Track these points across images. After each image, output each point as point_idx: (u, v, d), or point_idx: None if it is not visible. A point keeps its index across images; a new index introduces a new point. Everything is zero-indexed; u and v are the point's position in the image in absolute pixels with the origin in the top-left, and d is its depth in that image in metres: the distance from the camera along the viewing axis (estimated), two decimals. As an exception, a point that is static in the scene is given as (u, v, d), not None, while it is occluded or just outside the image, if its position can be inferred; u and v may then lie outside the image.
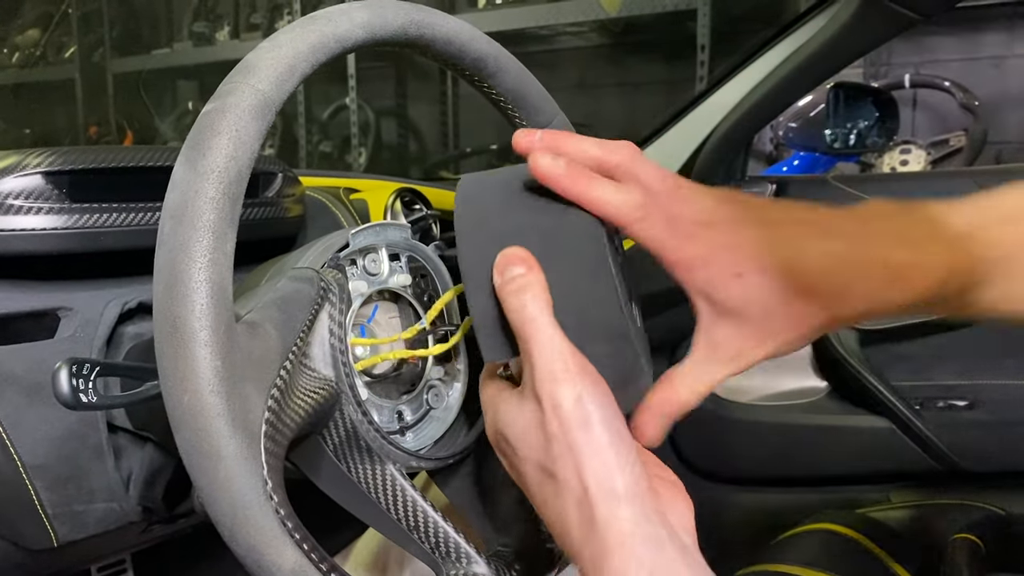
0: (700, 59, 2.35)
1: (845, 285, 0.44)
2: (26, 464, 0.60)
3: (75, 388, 0.46)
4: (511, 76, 0.58)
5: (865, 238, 0.44)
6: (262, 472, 0.40)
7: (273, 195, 0.77)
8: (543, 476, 0.41)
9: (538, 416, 0.41)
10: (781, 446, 1.38)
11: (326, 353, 0.50)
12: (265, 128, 0.43)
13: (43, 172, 0.62)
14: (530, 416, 0.42)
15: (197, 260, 0.39)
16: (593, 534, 0.38)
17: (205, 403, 0.38)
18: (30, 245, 0.62)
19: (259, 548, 0.39)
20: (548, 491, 0.41)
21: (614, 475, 0.39)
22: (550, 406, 0.40)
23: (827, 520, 1.08)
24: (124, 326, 0.68)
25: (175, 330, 0.39)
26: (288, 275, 0.51)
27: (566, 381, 0.40)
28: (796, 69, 1.31)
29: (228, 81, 0.43)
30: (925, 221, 0.45)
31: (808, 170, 2.23)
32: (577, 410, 0.40)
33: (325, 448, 0.51)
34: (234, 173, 0.41)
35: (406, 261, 0.61)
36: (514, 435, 0.43)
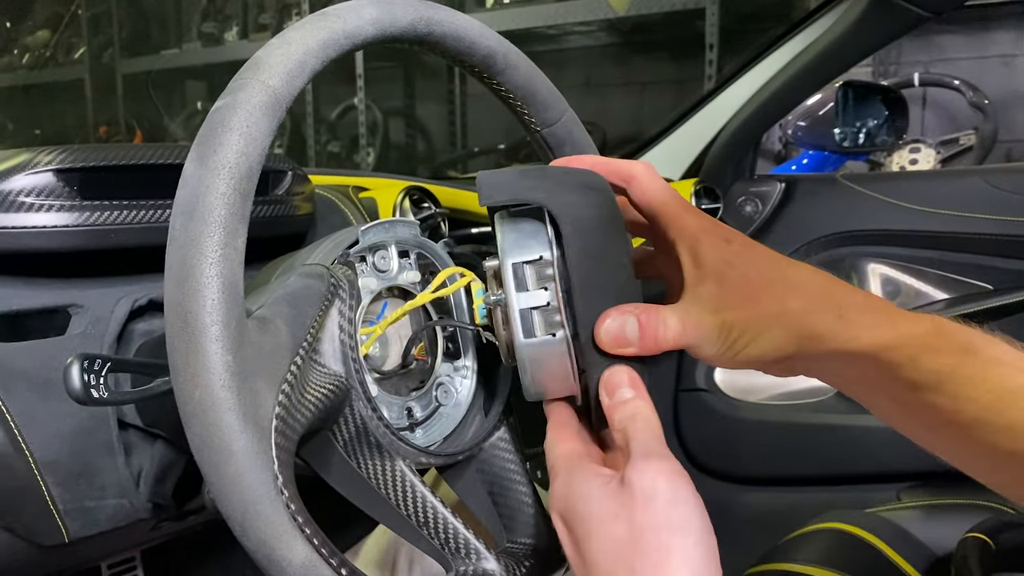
0: (709, 58, 2.35)
1: (823, 292, 0.47)
2: (38, 460, 0.60)
3: (86, 383, 0.46)
4: (520, 73, 0.58)
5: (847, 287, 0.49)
6: (273, 467, 0.40)
7: (283, 193, 0.77)
8: (619, 567, 0.40)
9: (628, 503, 0.41)
10: (790, 445, 1.38)
11: (336, 349, 0.50)
12: (276, 124, 0.43)
13: (54, 169, 0.62)
14: (618, 501, 0.42)
15: (208, 256, 0.39)
16: None
17: (216, 398, 0.38)
18: (41, 242, 0.62)
19: (270, 543, 0.40)
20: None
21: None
22: (646, 496, 0.41)
23: (836, 519, 1.07)
24: (134, 323, 0.68)
25: (186, 325, 0.39)
26: (298, 271, 0.51)
27: (664, 473, 0.42)
28: (805, 67, 1.30)
29: (239, 77, 0.43)
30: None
31: (817, 169, 2.22)
32: (675, 511, 0.41)
33: (335, 444, 0.51)
34: (245, 169, 0.41)
35: (415, 258, 0.61)
36: (592, 515, 0.42)
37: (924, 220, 1.34)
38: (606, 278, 0.47)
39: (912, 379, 0.46)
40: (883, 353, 0.46)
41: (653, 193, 0.51)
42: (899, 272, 1.40)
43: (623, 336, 0.46)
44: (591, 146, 0.64)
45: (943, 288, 1.36)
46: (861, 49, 1.29)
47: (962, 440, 0.46)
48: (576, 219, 0.47)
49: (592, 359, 0.47)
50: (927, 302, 1.37)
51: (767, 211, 1.44)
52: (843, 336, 0.46)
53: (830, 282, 0.48)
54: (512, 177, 0.49)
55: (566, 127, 0.62)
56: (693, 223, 0.49)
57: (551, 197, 0.48)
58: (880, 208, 1.38)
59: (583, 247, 0.47)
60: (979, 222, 1.30)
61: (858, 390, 0.51)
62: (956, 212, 1.32)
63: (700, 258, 0.48)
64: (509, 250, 0.48)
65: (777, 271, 0.48)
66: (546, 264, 0.48)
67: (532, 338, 0.48)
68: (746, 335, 0.47)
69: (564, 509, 0.44)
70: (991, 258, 1.31)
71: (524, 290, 0.48)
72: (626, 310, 0.46)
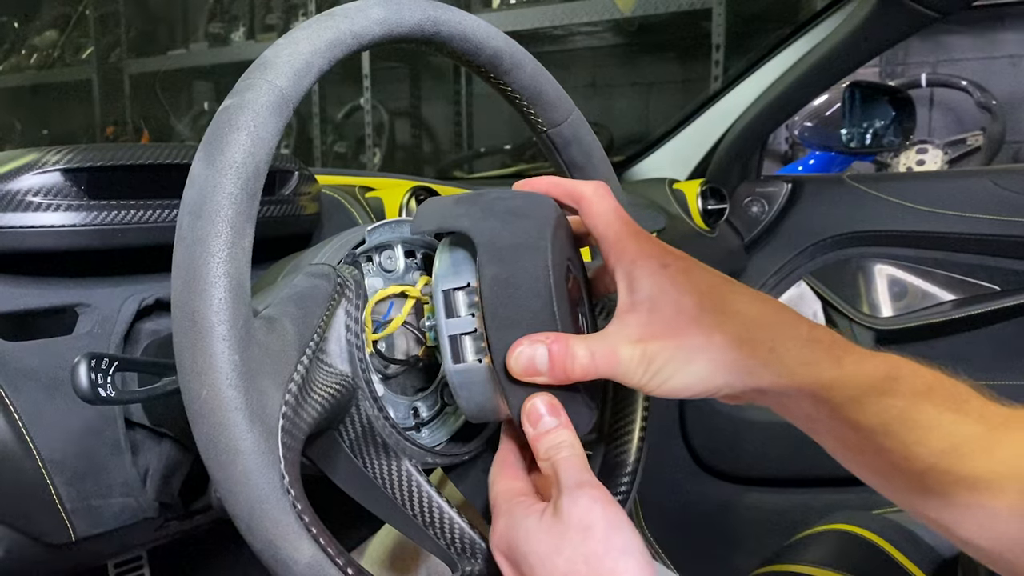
0: (715, 58, 2.34)
1: (759, 322, 0.46)
2: (45, 459, 0.61)
3: (94, 382, 0.46)
4: (527, 73, 0.58)
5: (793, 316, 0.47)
6: (279, 466, 0.40)
7: (289, 193, 0.77)
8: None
9: (567, 535, 0.41)
10: (796, 446, 1.37)
11: (343, 349, 0.50)
12: (283, 124, 0.43)
13: (62, 169, 0.62)
14: (557, 533, 0.42)
15: (216, 255, 0.39)
16: None
17: (223, 397, 0.39)
18: (48, 242, 0.62)
19: (276, 542, 0.40)
20: None
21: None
22: (584, 526, 0.41)
23: (842, 521, 1.07)
24: (141, 323, 0.68)
25: (193, 324, 0.39)
26: (305, 271, 0.51)
27: (599, 501, 0.42)
28: (812, 68, 1.30)
29: (246, 77, 0.43)
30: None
31: (824, 170, 2.22)
32: (617, 536, 0.41)
33: (341, 444, 0.51)
34: (252, 169, 0.41)
35: (421, 258, 0.61)
36: (533, 552, 0.42)
37: (932, 221, 1.34)
38: (519, 306, 0.47)
39: (855, 420, 0.44)
40: (821, 392, 0.45)
41: (598, 216, 0.50)
42: (906, 273, 1.39)
43: (532, 366, 0.46)
44: (597, 147, 0.64)
45: (950, 289, 1.36)
46: (869, 49, 1.29)
47: (915, 490, 0.45)
48: (492, 247, 0.47)
49: (509, 388, 0.48)
50: (934, 303, 1.36)
51: (774, 212, 1.44)
52: (777, 370, 0.45)
53: (772, 311, 0.47)
54: (445, 205, 0.51)
55: (572, 127, 0.61)
56: (632, 248, 0.48)
57: (473, 224, 0.48)
58: (887, 209, 1.38)
59: (495, 275, 0.47)
60: (987, 223, 1.29)
61: (802, 425, 0.49)
62: (964, 213, 1.31)
63: (634, 284, 0.47)
64: (441, 277, 0.50)
65: (712, 299, 0.46)
66: (474, 291, 0.49)
67: (460, 363, 0.49)
68: (668, 367, 0.46)
69: (507, 548, 0.45)
70: (999, 259, 1.31)
71: (454, 316, 0.49)
72: (537, 339, 0.46)
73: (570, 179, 0.54)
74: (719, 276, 0.48)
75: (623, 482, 0.61)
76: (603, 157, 0.64)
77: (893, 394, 0.44)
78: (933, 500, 0.44)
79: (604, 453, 0.62)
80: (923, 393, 0.44)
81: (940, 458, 0.43)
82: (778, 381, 0.45)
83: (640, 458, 0.62)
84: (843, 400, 0.44)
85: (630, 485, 0.61)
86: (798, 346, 0.45)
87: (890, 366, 0.45)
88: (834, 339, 0.46)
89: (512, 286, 0.47)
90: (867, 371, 0.45)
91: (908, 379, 0.44)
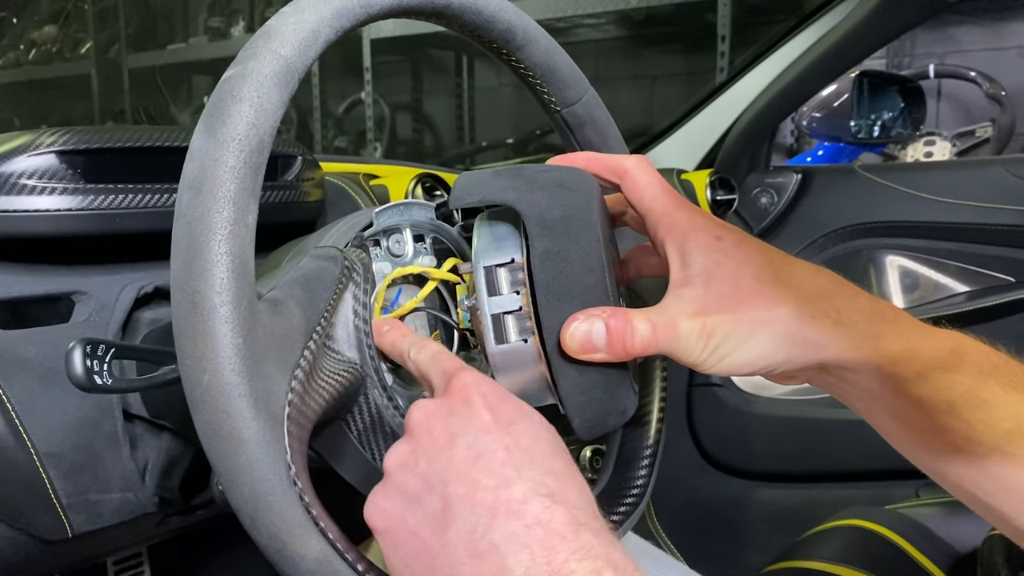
0: (720, 50, 2.32)
1: (821, 294, 0.44)
2: (40, 452, 0.59)
3: (89, 369, 0.44)
4: (540, 49, 0.55)
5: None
6: (285, 456, 0.38)
7: (292, 178, 0.75)
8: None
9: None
10: (805, 441, 1.36)
11: (350, 335, 0.48)
12: (288, 96, 0.41)
13: (57, 151, 0.60)
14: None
15: (217, 232, 0.37)
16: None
17: (225, 383, 0.36)
18: (44, 227, 0.60)
19: (281, 537, 0.37)
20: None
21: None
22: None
23: (855, 516, 1.06)
24: (140, 311, 0.67)
25: (194, 306, 0.37)
26: (311, 254, 0.49)
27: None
28: (820, 57, 1.29)
29: (249, 46, 0.41)
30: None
31: (832, 161, 2.20)
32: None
33: (349, 434, 0.49)
34: (255, 142, 0.39)
35: (431, 243, 0.59)
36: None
37: (944, 211, 1.32)
38: (573, 281, 0.45)
39: (920, 398, 0.43)
40: (887, 367, 0.43)
41: (644, 189, 0.48)
42: (918, 264, 1.37)
43: (589, 342, 0.43)
44: (612, 127, 0.61)
45: (963, 280, 1.34)
46: (877, 38, 1.28)
47: (975, 471, 0.43)
48: (542, 219, 0.45)
49: (560, 368, 0.45)
50: (947, 295, 1.35)
51: (783, 202, 1.42)
52: (841, 344, 0.43)
53: (832, 283, 0.45)
54: (485, 178, 0.48)
55: (587, 107, 0.59)
56: (683, 219, 0.46)
57: (520, 197, 0.46)
58: (899, 199, 1.36)
59: (546, 248, 0.45)
60: (1001, 213, 1.28)
61: (859, 405, 0.47)
62: (977, 203, 1.30)
63: (688, 257, 0.45)
64: (482, 253, 0.47)
65: (770, 271, 0.45)
66: (518, 267, 0.46)
67: (503, 344, 0.46)
68: (729, 341, 0.44)
69: (489, 388, 0.42)
70: (1013, 249, 1.29)
71: (496, 294, 0.46)
72: (594, 314, 0.44)
73: (610, 154, 0.51)
74: (773, 248, 0.46)
75: (640, 475, 0.59)
76: (619, 138, 0.62)
77: (958, 371, 0.42)
78: (995, 485, 0.42)
79: (620, 444, 0.60)
80: (988, 371, 0.42)
81: (1006, 440, 0.41)
82: (842, 355, 0.43)
83: (657, 450, 0.60)
84: (909, 375, 0.43)
85: (647, 478, 0.59)
86: (863, 318, 0.44)
87: (955, 342, 0.43)
88: (897, 313, 0.44)
89: (564, 260, 0.44)
90: (933, 346, 0.43)
91: (973, 356, 0.43)
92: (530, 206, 0.45)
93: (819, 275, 0.45)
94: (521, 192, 0.46)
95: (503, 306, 0.46)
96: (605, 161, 0.50)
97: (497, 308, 0.46)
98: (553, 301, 0.44)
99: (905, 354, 0.43)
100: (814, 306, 0.44)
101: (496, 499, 0.35)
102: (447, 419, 0.39)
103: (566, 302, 0.44)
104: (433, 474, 0.37)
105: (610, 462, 0.61)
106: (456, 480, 0.37)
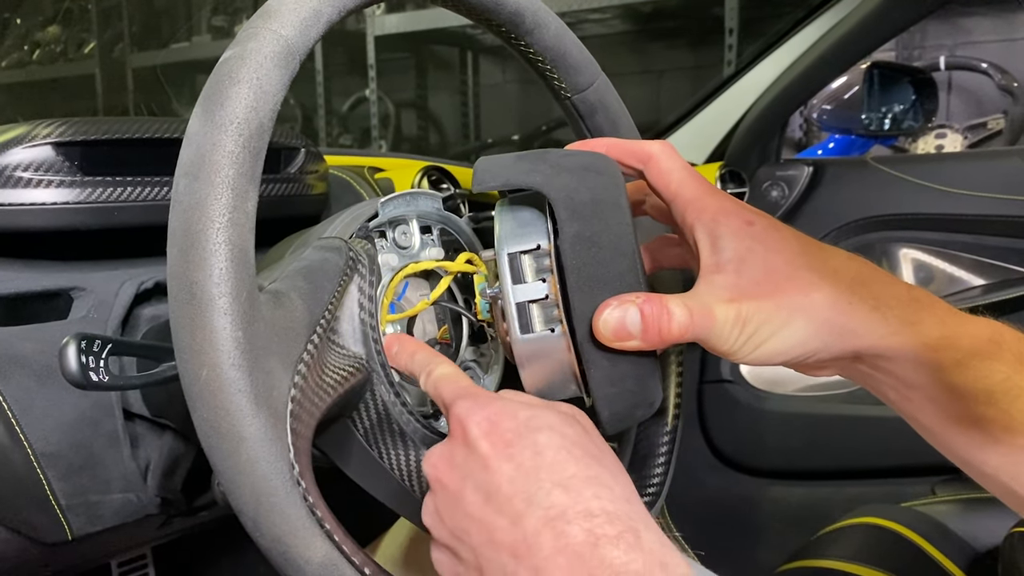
0: (728, 43, 2.30)
1: (858, 280, 0.43)
2: (37, 451, 0.57)
3: (84, 366, 0.42)
4: (550, 33, 0.54)
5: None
6: (288, 455, 0.36)
7: (296, 171, 0.73)
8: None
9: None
10: (819, 438, 1.34)
11: (356, 329, 0.46)
12: (288, 78, 0.39)
13: (53, 143, 0.58)
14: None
15: (215, 220, 0.35)
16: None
17: (225, 378, 0.35)
18: (40, 220, 0.58)
19: (285, 539, 0.36)
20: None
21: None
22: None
23: (870, 514, 1.04)
24: (140, 308, 0.65)
25: (191, 297, 0.35)
26: (314, 245, 0.47)
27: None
28: (831, 48, 1.27)
29: (248, 27, 0.39)
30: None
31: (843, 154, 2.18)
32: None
33: (355, 432, 0.47)
34: (255, 125, 0.37)
35: (438, 234, 0.57)
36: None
37: (959, 203, 1.30)
38: (605, 266, 0.43)
39: (958, 386, 0.41)
40: (925, 353, 0.42)
41: (671, 174, 0.47)
42: (933, 257, 1.35)
43: (624, 329, 0.42)
44: (625, 114, 0.60)
45: (979, 274, 1.32)
46: (888, 28, 1.26)
47: (1012, 462, 0.41)
48: (572, 203, 0.43)
49: (591, 356, 0.43)
50: (963, 288, 1.32)
51: (794, 196, 1.40)
52: (879, 331, 0.42)
53: (868, 270, 0.44)
54: (508, 161, 0.46)
55: (598, 93, 0.57)
56: (712, 204, 0.45)
57: (547, 180, 0.44)
58: (913, 191, 1.34)
59: (578, 233, 0.43)
60: (1017, 204, 1.25)
61: (894, 395, 0.46)
62: (993, 194, 1.27)
63: (719, 243, 0.44)
64: (506, 239, 0.45)
65: (805, 257, 0.43)
66: (544, 254, 0.44)
67: (529, 334, 0.44)
68: (765, 328, 0.42)
69: (490, 412, 0.41)
70: (1030, 242, 1.27)
71: (521, 282, 0.44)
72: (627, 300, 0.42)
73: (632, 139, 0.50)
74: (805, 236, 0.45)
75: (656, 472, 0.57)
76: (631, 126, 0.60)
77: (997, 359, 0.41)
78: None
79: (635, 441, 0.58)
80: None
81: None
82: (879, 342, 0.42)
83: (674, 447, 0.58)
84: (947, 363, 0.41)
85: (664, 476, 0.57)
86: (900, 305, 0.42)
87: (993, 330, 0.42)
88: (933, 299, 0.43)
89: (595, 245, 0.43)
90: (971, 332, 0.42)
91: (1011, 344, 0.41)
92: (558, 190, 0.43)
93: (853, 261, 0.44)
94: (547, 175, 0.44)
95: (528, 294, 0.44)
96: (627, 146, 0.48)
97: (522, 296, 0.44)
98: (584, 287, 0.42)
99: (943, 341, 0.41)
100: (851, 292, 0.42)
101: (513, 539, 0.36)
102: (452, 466, 0.39)
103: (598, 288, 0.42)
104: (457, 528, 0.38)
105: (625, 459, 0.59)
106: (475, 529, 0.37)
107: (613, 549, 0.34)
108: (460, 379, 0.43)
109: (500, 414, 0.39)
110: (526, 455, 0.37)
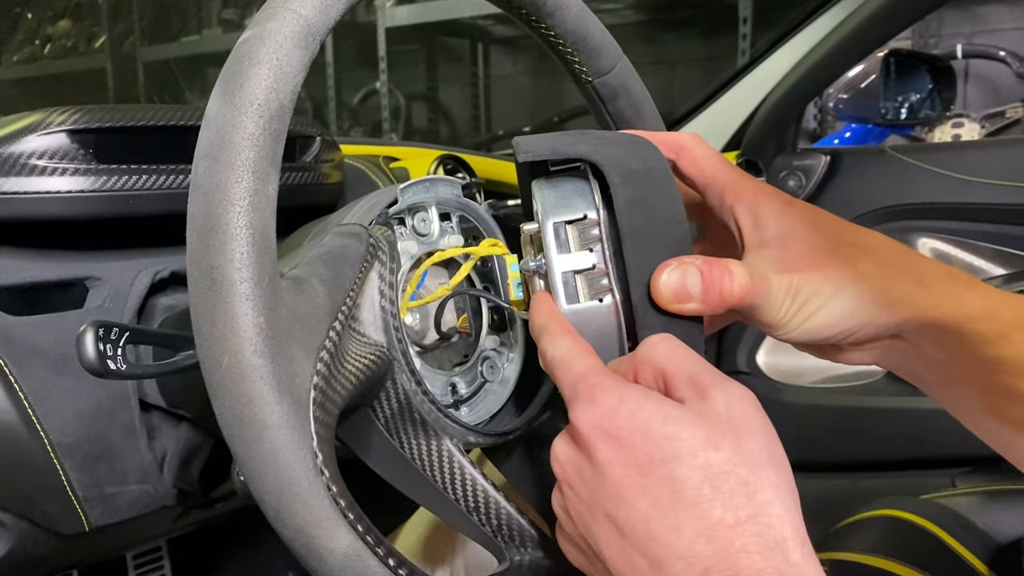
0: (743, 32, 2.28)
1: (899, 255, 0.43)
2: (54, 442, 0.56)
3: (102, 353, 0.41)
4: (572, 15, 0.53)
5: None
6: (311, 444, 0.35)
7: (311, 160, 0.72)
8: (718, 498, 0.34)
9: (730, 433, 0.36)
10: (837, 430, 1.33)
11: (376, 316, 0.45)
12: (309, 59, 0.38)
13: (68, 130, 0.58)
14: (714, 428, 0.35)
15: (236, 204, 0.34)
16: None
17: (247, 365, 0.34)
18: (55, 209, 0.58)
19: (308, 530, 0.35)
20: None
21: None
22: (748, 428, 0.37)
23: (890, 507, 1.03)
24: (156, 297, 0.64)
25: (212, 283, 0.34)
26: (334, 231, 0.46)
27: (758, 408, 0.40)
28: (847, 37, 1.26)
29: (267, 7, 0.38)
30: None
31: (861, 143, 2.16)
32: (775, 448, 0.39)
33: (375, 422, 0.47)
34: (275, 107, 0.36)
35: (457, 222, 0.56)
36: (679, 439, 0.35)
37: (980, 192, 1.28)
38: (660, 231, 0.42)
39: (1000, 359, 0.40)
40: (969, 325, 0.41)
41: (704, 160, 0.47)
42: (952, 247, 1.34)
43: (684, 289, 0.41)
44: (647, 99, 0.59)
45: (1000, 263, 1.30)
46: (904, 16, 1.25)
47: None
48: (623, 169, 0.42)
49: (647, 319, 0.42)
50: (983, 278, 1.31)
51: (812, 185, 1.39)
52: (923, 302, 0.42)
53: (904, 248, 0.45)
54: (551, 136, 0.45)
55: (620, 76, 0.56)
56: (751, 186, 0.46)
57: (595, 150, 0.43)
58: (932, 180, 1.32)
59: (633, 197, 0.42)
60: (1039, 193, 1.24)
61: (932, 377, 0.45)
62: (1014, 183, 1.26)
63: (761, 220, 0.44)
64: (551, 209, 0.44)
65: (844, 234, 0.44)
66: (591, 224, 0.43)
67: (576, 304, 0.43)
68: (816, 299, 0.42)
69: (619, 429, 0.36)
70: (1052, 231, 1.25)
71: (567, 252, 0.43)
72: (686, 261, 0.41)
73: (660, 131, 0.50)
74: (840, 218, 0.46)
75: None
76: (654, 112, 0.59)
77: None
78: None
79: None
80: None
81: None
82: (923, 314, 0.42)
83: None
84: (990, 334, 0.41)
85: None
86: (941, 279, 0.43)
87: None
88: (970, 277, 0.43)
89: (650, 210, 0.42)
90: (1011, 303, 0.41)
91: None
92: (608, 157, 0.43)
93: (891, 241, 0.45)
94: (594, 146, 0.43)
95: (574, 264, 0.43)
96: (658, 137, 0.48)
97: (568, 266, 0.43)
98: (642, 249, 0.41)
99: (986, 312, 0.41)
100: (894, 266, 0.43)
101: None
102: (581, 479, 0.37)
103: (656, 250, 0.41)
104: (589, 537, 0.37)
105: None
106: (610, 558, 0.35)
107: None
108: (574, 361, 0.39)
109: (630, 431, 0.35)
110: (663, 491, 0.34)
